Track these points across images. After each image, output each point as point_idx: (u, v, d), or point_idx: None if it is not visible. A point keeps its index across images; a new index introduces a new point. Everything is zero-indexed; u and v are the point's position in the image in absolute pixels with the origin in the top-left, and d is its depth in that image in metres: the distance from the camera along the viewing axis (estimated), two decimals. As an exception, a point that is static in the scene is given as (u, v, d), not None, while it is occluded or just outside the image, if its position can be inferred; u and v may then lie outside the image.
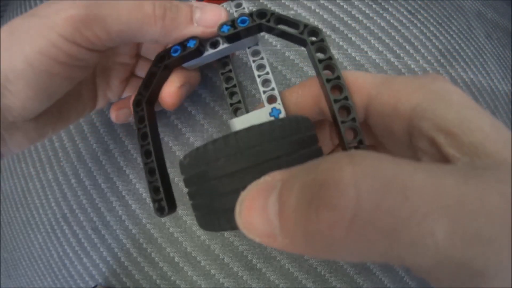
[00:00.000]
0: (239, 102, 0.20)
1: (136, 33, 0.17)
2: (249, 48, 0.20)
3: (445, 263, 0.09)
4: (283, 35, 0.18)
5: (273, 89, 0.19)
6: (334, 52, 0.27)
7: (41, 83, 0.17)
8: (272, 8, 0.28)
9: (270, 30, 0.18)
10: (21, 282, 0.33)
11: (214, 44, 0.19)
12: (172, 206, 0.18)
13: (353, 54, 0.27)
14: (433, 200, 0.09)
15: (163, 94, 0.20)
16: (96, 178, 0.28)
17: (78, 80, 0.19)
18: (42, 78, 0.17)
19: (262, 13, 0.18)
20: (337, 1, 0.28)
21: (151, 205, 0.26)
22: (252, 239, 0.11)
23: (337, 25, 0.28)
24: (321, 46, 0.17)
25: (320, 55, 0.17)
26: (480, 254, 0.09)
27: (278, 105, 0.18)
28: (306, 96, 0.18)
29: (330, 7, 0.28)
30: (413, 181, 0.09)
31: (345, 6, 0.28)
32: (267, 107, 0.18)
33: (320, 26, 0.27)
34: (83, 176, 0.29)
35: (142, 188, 0.26)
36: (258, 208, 0.11)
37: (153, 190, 0.18)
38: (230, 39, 0.18)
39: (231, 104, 0.20)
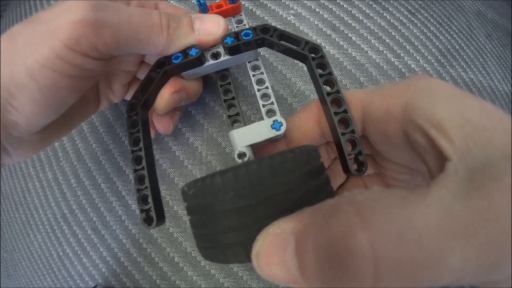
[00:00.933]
0: (237, 114, 0.20)
1: (143, 42, 0.17)
2: (249, 62, 0.20)
3: (461, 281, 0.10)
4: (284, 50, 0.18)
5: (272, 103, 0.19)
6: (334, 52, 0.27)
7: (46, 97, 0.15)
8: (272, 8, 0.28)
9: (272, 45, 0.18)
10: (21, 282, 0.33)
11: (216, 55, 0.19)
12: (160, 217, 0.17)
13: (353, 53, 0.27)
14: (445, 238, 0.10)
15: (157, 100, 0.20)
16: (95, 178, 0.28)
17: (84, 90, 0.18)
18: (47, 92, 0.15)
19: (265, 29, 0.18)
20: (338, 0, 0.28)
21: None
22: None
23: (337, 25, 0.28)
24: (321, 62, 0.17)
25: (320, 71, 0.17)
26: (491, 272, 0.10)
27: (280, 117, 0.18)
28: (308, 118, 0.18)
29: (330, 6, 0.28)
30: (426, 225, 0.10)
31: (345, 6, 0.28)
32: (268, 120, 0.18)
33: (320, 25, 0.27)
34: (82, 176, 0.28)
35: (142, 188, 0.26)
36: (277, 262, 0.11)
37: (141, 199, 0.17)
38: (232, 51, 0.18)
39: (229, 116, 0.20)
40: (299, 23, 0.27)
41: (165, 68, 0.18)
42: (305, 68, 0.26)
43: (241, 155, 0.18)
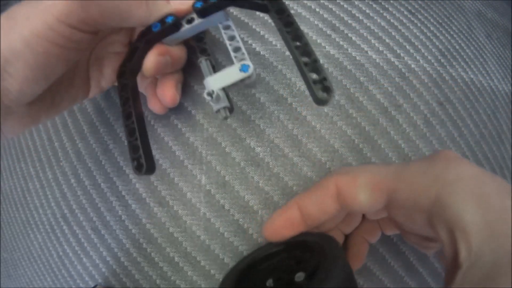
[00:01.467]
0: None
1: (125, 15, 0.19)
2: (220, 23, 0.22)
3: None
4: (248, 4, 0.20)
5: (243, 53, 0.21)
6: (334, 52, 0.27)
7: (39, 64, 0.18)
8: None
9: (239, 4, 0.20)
10: (21, 282, 0.33)
11: (190, 21, 0.21)
12: (150, 166, 0.19)
13: (353, 53, 0.27)
14: None
15: (145, 63, 0.21)
16: (95, 178, 0.28)
17: (73, 61, 0.20)
18: (39, 59, 0.17)
19: None
20: (338, 0, 0.28)
21: (152, 205, 0.26)
22: None
23: (337, 25, 0.28)
24: (288, 20, 0.19)
25: (287, 29, 0.19)
26: None
27: (246, 61, 0.20)
28: (325, 197, 0.19)
29: (330, 6, 0.28)
30: None
31: (345, 6, 0.28)
32: (237, 64, 0.20)
33: (320, 25, 0.27)
34: (82, 176, 0.28)
35: (142, 188, 0.26)
36: None
37: (132, 149, 0.19)
38: (202, 13, 0.20)
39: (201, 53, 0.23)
40: (299, 23, 0.27)
41: (147, 37, 0.21)
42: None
43: (209, 93, 0.20)
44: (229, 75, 0.20)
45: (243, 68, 0.20)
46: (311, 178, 0.25)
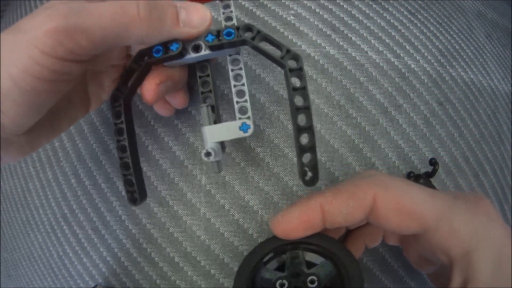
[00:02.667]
0: (212, 107, 0.21)
1: (122, 37, 0.17)
2: (230, 56, 0.21)
3: None
4: (265, 54, 0.19)
5: (246, 101, 0.20)
6: (334, 52, 0.27)
7: (28, 101, 0.16)
8: (272, 8, 0.28)
9: (253, 47, 0.19)
10: (21, 282, 0.33)
11: (197, 48, 0.19)
12: (143, 196, 0.20)
13: (353, 54, 0.27)
14: None
15: (143, 90, 0.20)
16: (96, 178, 0.28)
17: (65, 92, 0.19)
18: (28, 96, 0.16)
19: (248, 29, 0.19)
20: (337, 1, 0.28)
21: (152, 205, 0.26)
22: None
23: (337, 25, 0.28)
24: (299, 74, 0.18)
25: (296, 82, 0.18)
26: None
27: (248, 120, 0.19)
28: (357, 209, 0.18)
29: (330, 7, 0.28)
30: None
31: (345, 6, 0.28)
32: (238, 122, 0.19)
33: (320, 25, 0.27)
34: (83, 176, 0.28)
35: (142, 188, 0.26)
36: None
37: (127, 183, 0.20)
38: (212, 48, 0.19)
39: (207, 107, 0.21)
40: (299, 23, 0.27)
41: (146, 61, 0.19)
42: (305, 68, 0.26)
43: (208, 154, 0.19)
44: (228, 130, 0.19)
45: (243, 128, 0.19)
46: (311, 178, 0.25)
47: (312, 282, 0.19)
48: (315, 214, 0.18)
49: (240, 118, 0.20)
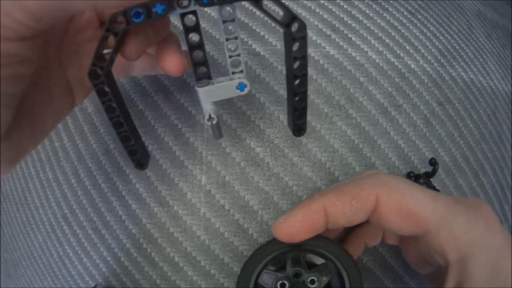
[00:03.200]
0: (203, 63, 0.19)
1: (65, 5, 0.14)
2: (220, 6, 0.17)
3: None
4: (266, 13, 0.17)
5: (238, 55, 0.18)
6: (334, 52, 0.27)
7: None
8: (273, 8, 0.28)
9: (255, 3, 0.17)
10: (21, 282, 0.33)
11: (184, 5, 0.16)
12: (147, 159, 0.20)
13: (353, 54, 0.27)
14: None
15: (122, 53, 0.17)
16: (96, 178, 0.28)
17: (28, 76, 0.16)
18: None
19: None
20: (337, 1, 0.28)
21: (152, 205, 0.26)
22: None
23: (337, 25, 0.28)
24: (302, 43, 0.17)
25: (296, 50, 0.17)
26: None
27: (244, 79, 0.18)
28: (360, 210, 0.18)
29: (330, 7, 0.28)
30: None
31: (345, 6, 0.28)
32: (234, 81, 0.18)
33: (320, 26, 0.27)
34: (83, 176, 0.29)
35: (142, 188, 0.26)
36: None
37: (131, 153, 0.19)
38: (204, 5, 0.16)
39: (195, 64, 0.19)
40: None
41: (123, 29, 0.16)
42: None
43: (210, 118, 0.19)
44: (224, 90, 0.19)
45: (240, 87, 0.19)
46: (311, 178, 0.25)
47: (312, 282, 0.19)
48: (319, 217, 0.18)
49: (233, 73, 0.19)
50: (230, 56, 0.18)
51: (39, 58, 0.17)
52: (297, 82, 0.17)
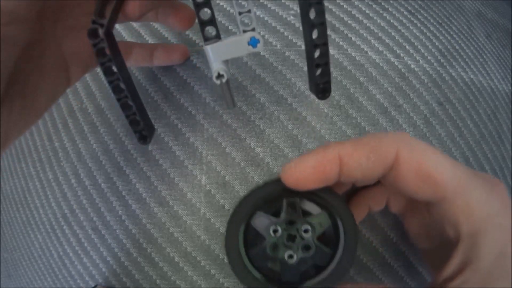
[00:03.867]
0: (210, 21, 0.18)
1: None
2: None
3: None
4: None
5: (249, 11, 0.17)
6: (334, 52, 0.27)
7: None
8: (272, 8, 0.28)
9: None
10: (21, 282, 0.33)
11: None
12: (151, 132, 0.19)
13: (353, 54, 0.27)
14: None
15: (126, 9, 0.17)
16: (96, 178, 0.28)
17: (22, 41, 0.15)
18: None
19: None
20: (337, 1, 0.28)
21: (152, 205, 0.26)
22: None
23: (337, 25, 0.28)
24: (319, 8, 0.16)
25: (313, 16, 0.16)
26: None
27: (257, 34, 0.17)
28: (378, 164, 0.16)
29: (330, 7, 0.28)
30: None
31: (345, 6, 0.28)
32: (246, 35, 0.17)
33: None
34: (83, 176, 0.29)
35: (142, 188, 0.26)
36: None
37: (133, 123, 0.18)
38: None
39: (202, 23, 0.18)
40: (299, 23, 0.27)
41: None
42: (305, 68, 0.26)
43: (219, 76, 0.17)
44: (235, 46, 0.17)
45: (252, 42, 0.17)
46: (311, 178, 0.25)
47: (306, 231, 0.18)
48: (333, 165, 0.16)
49: (244, 31, 0.17)
50: (240, 13, 0.17)
51: (34, 25, 0.16)
52: (315, 34, 0.16)
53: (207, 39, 0.18)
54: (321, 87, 0.18)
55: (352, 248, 0.18)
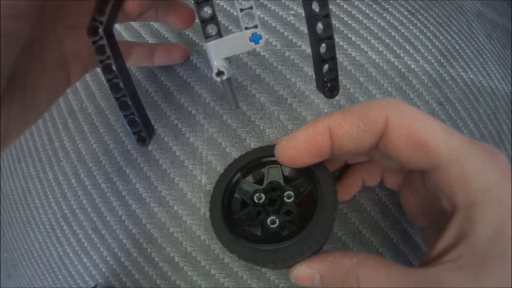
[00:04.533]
0: (211, 18, 0.17)
1: None
2: None
3: None
4: None
5: (251, 7, 0.17)
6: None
7: None
8: (272, 8, 0.28)
9: None
10: (21, 282, 0.33)
11: None
12: (151, 134, 0.19)
13: (353, 54, 0.27)
14: None
15: (125, 7, 0.17)
16: (96, 178, 0.28)
17: (22, 36, 0.15)
18: None
19: None
20: (337, 1, 0.28)
21: (152, 205, 0.26)
22: None
23: (337, 25, 0.28)
24: (323, 2, 0.16)
25: (317, 9, 0.16)
26: None
27: (259, 29, 0.16)
28: (368, 132, 0.16)
29: (330, 7, 0.28)
30: None
31: (345, 6, 0.28)
32: (247, 32, 0.16)
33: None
34: (83, 176, 0.29)
35: (142, 188, 0.26)
36: None
37: (131, 124, 0.18)
38: None
39: (203, 21, 0.17)
40: (299, 23, 0.27)
41: None
42: (305, 69, 0.26)
43: (220, 73, 0.16)
44: (236, 43, 0.16)
45: (254, 38, 0.16)
46: (311, 178, 0.25)
47: (288, 197, 0.18)
48: (324, 138, 0.16)
49: (246, 28, 0.17)
50: (242, 10, 0.16)
51: (34, 22, 0.16)
52: (321, 28, 0.16)
53: (208, 37, 0.17)
54: (329, 85, 0.17)
55: (330, 211, 0.17)
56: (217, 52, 0.17)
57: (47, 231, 0.30)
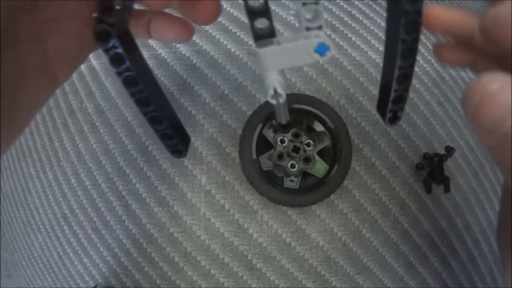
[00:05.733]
0: (264, 12, 0.13)
1: None
2: None
3: None
4: None
5: (316, 3, 0.12)
6: (334, 52, 0.27)
7: None
8: (272, 8, 0.28)
9: None
10: (21, 282, 0.33)
11: None
12: (187, 144, 0.17)
13: (353, 54, 0.27)
14: None
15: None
16: (96, 178, 0.28)
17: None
18: None
19: None
20: (337, 1, 0.28)
21: (152, 206, 0.26)
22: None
23: (337, 25, 0.28)
24: (316, 9, 0.13)
25: (404, 32, 0.13)
26: None
27: (326, 37, 0.13)
28: (467, 20, 0.15)
29: (330, 7, 0.28)
30: None
31: (345, 6, 0.28)
32: (312, 41, 0.13)
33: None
34: (83, 176, 0.29)
35: (142, 188, 0.26)
36: None
37: (165, 137, 0.15)
38: None
39: (251, 12, 0.13)
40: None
41: None
42: (305, 68, 0.26)
43: (276, 95, 0.13)
44: (296, 53, 0.13)
45: (320, 49, 0.13)
46: (311, 178, 0.25)
47: (308, 145, 0.21)
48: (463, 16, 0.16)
49: (308, 28, 0.13)
50: (304, 4, 0.12)
51: (5, 21, 0.12)
52: (402, 53, 0.13)
53: (258, 38, 0.14)
54: (392, 114, 0.15)
55: (345, 166, 0.22)
56: (271, 63, 0.13)
57: (47, 231, 0.30)
